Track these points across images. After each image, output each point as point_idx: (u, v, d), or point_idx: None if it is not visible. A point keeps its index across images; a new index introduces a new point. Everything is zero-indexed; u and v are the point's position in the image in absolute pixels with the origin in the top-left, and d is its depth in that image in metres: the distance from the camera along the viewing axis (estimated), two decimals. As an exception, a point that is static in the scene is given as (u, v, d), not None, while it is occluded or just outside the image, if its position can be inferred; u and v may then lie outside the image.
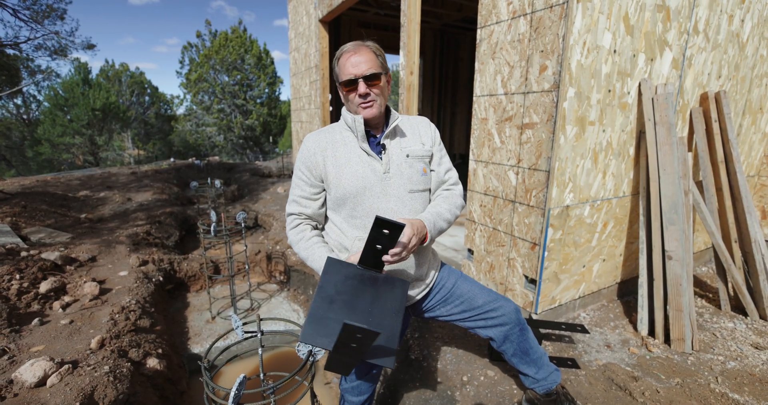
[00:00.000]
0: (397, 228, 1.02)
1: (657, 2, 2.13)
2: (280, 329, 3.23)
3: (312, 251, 1.30)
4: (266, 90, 20.74)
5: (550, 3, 1.97)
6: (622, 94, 2.21)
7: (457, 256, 3.41)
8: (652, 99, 2.27)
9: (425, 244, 1.23)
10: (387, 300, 1.12)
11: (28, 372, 1.85)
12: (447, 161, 1.43)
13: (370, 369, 1.52)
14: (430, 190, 1.40)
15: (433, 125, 1.44)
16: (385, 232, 1.03)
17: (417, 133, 1.37)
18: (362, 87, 1.21)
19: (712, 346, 2.17)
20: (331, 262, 1.14)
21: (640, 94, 2.28)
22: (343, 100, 1.33)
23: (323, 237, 1.40)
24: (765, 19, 2.82)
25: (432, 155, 1.39)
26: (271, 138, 21.63)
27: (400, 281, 1.17)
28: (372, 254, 1.10)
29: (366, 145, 1.28)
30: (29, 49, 9.88)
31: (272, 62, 20.65)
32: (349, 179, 1.26)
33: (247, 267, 3.68)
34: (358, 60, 1.20)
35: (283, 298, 3.96)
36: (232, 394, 1.07)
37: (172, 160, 12.65)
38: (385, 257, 1.10)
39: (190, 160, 12.90)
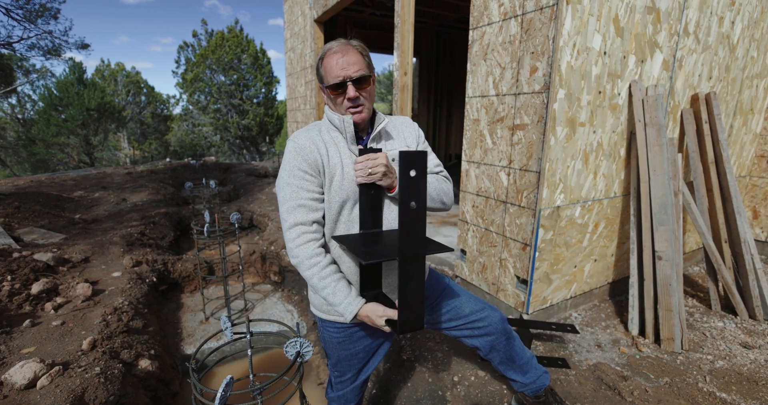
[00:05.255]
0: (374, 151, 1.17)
1: (647, 4, 2.15)
2: (272, 331, 3.22)
3: (333, 289, 1.16)
4: (263, 90, 20.69)
5: (540, 5, 1.98)
6: (612, 95, 2.22)
7: (450, 256, 3.42)
8: (643, 100, 2.29)
9: (390, 193, 1.22)
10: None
11: (18, 374, 1.84)
12: (434, 157, 1.37)
13: (357, 376, 1.49)
14: None
15: (415, 124, 1.38)
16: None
17: (401, 136, 1.33)
18: (352, 91, 1.15)
19: (702, 346, 2.19)
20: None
21: (630, 95, 2.29)
22: (327, 102, 1.27)
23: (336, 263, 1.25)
24: (755, 20, 2.85)
25: None
26: (267, 138, 21.57)
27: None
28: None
29: (355, 148, 1.23)
30: (23, 49, 9.86)
31: (269, 62, 20.58)
32: (340, 182, 1.21)
33: (240, 268, 3.68)
34: (346, 61, 1.13)
35: (277, 298, 3.95)
36: (218, 395, 1.06)
37: (168, 160, 12.61)
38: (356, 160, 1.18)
39: (186, 160, 12.87)
